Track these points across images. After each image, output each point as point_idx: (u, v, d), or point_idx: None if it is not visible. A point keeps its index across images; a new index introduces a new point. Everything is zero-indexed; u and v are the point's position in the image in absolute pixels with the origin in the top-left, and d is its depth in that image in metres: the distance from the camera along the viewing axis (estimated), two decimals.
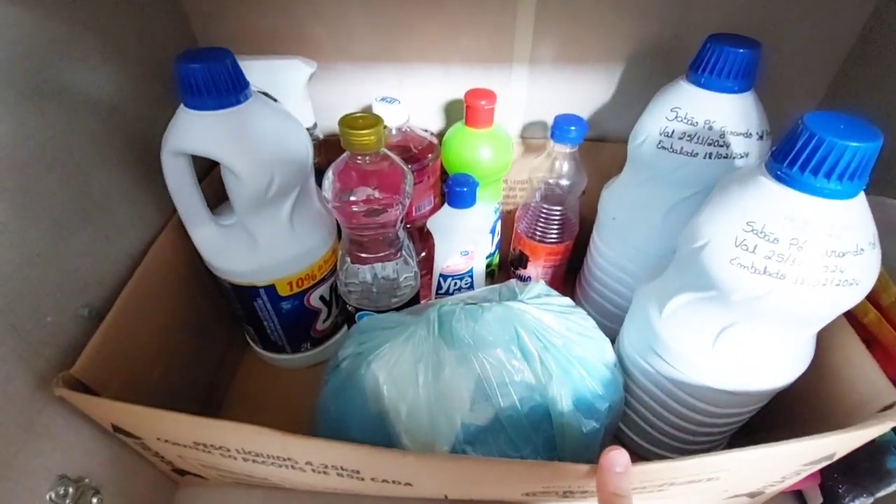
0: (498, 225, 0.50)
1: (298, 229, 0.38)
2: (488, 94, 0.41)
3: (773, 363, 0.30)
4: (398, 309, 0.40)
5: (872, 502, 0.33)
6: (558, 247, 0.47)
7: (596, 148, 0.47)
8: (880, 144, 0.23)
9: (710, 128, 0.33)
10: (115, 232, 0.34)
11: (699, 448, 0.37)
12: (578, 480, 0.25)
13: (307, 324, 0.44)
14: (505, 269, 0.55)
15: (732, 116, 0.33)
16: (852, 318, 0.32)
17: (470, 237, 0.43)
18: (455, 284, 0.46)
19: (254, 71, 0.34)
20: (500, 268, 0.55)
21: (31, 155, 0.27)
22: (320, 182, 0.38)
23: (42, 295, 0.28)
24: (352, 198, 0.34)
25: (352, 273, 0.39)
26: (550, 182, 0.44)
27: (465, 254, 0.43)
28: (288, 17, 0.43)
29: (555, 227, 0.47)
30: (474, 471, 0.26)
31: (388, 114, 0.40)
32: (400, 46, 0.44)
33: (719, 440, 0.37)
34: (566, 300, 0.37)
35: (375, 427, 0.31)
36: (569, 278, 0.53)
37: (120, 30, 0.34)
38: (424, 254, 0.48)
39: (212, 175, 0.41)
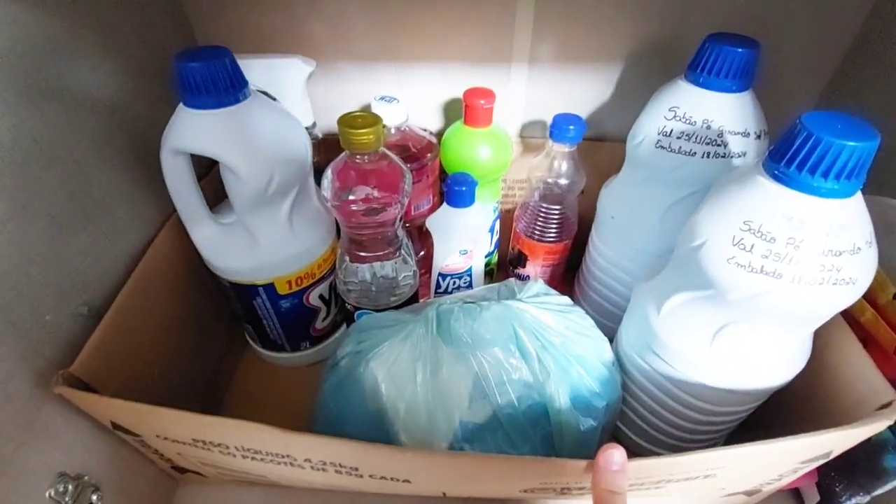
0: (497, 224, 0.50)
1: (298, 228, 0.38)
2: (487, 94, 0.41)
3: (771, 362, 0.30)
4: (397, 308, 0.40)
5: (869, 501, 0.34)
6: (557, 246, 0.47)
7: (594, 147, 0.47)
8: (877, 144, 0.23)
9: (709, 127, 0.33)
10: (115, 231, 0.34)
11: (696, 447, 0.36)
12: (576, 477, 0.25)
13: (306, 322, 0.44)
14: (504, 268, 0.55)
15: (731, 116, 0.33)
16: (849, 317, 0.32)
17: (469, 236, 0.43)
18: (454, 283, 0.46)
19: (253, 70, 0.35)
20: (499, 267, 0.55)
21: (31, 153, 0.27)
22: (319, 181, 0.38)
23: (41, 293, 0.28)
24: (351, 197, 0.34)
25: (351, 272, 0.39)
26: (549, 181, 0.45)
27: (464, 253, 0.43)
28: (287, 16, 0.43)
29: (553, 227, 0.47)
30: (472, 467, 0.26)
31: (387, 113, 0.40)
32: (399, 45, 0.44)
33: (717, 439, 0.37)
34: (564, 299, 0.37)
35: (374, 425, 0.32)
36: (567, 277, 0.53)
37: (120, 28, 0.34)
38: (423, 253, 0.48)
39: (211, 174, 0.41)
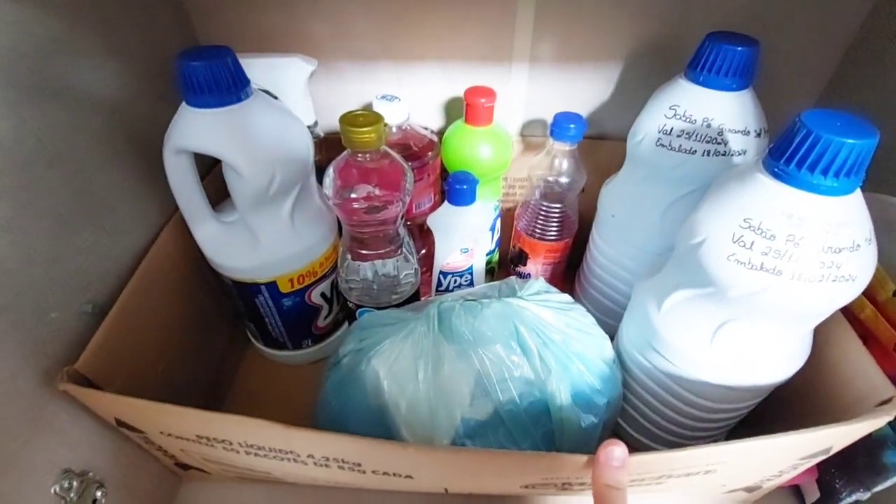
0: (497, 222, 0.50)
1: (300, 226, 0.38)
2: (488, 92, 0.41)
3: (771, 359, 0.30)
4: (398, 306, 0.40)
5: (869, 497, 0.34)
6: (558, 244, 0.48)
7: (595, 146, 0.47)
8: (876, 141, 0.23)
9: (709, 125, 0.33)
10: (118, 229, 0.34)
11: (697, 443, 0.37)
12: (577, 472, 0.25)
13: (308, 320, 0.44)
14: (505, 267, 0.55)
15: (730, 114, 0.33)
16: (849, 315, 0.32)
17: (470, 234, 0.43)
18: (455, 281, 0.46)
19: (254, 69, 0.35)
20: (500, 265, 0.55)
21: (33, 153, 0.28)
22: (321, 180, 0.38)
23: (46, 292, 0.28)
24: (353, 195, 0.35)
25: (353, 270, 0.39)
26: (550, 180, 0.45)
27: (465, 251, 0.44)
28: (288, 15, 0.43)
29: (554, 225, 0.47)
30: (474, 462, 0.27)
31: (389, 112, 0.40)
32: (400, 44, 0.44)
33: (717, 435, 0.37)
34: (565, 297, 0.37)
35: (376, 422, 0.32)
36: (568, 275, 0.53)
37: (122, 27, 0.35)
38: (424, 251, 0.48)
39: (213, 173, 0.41)
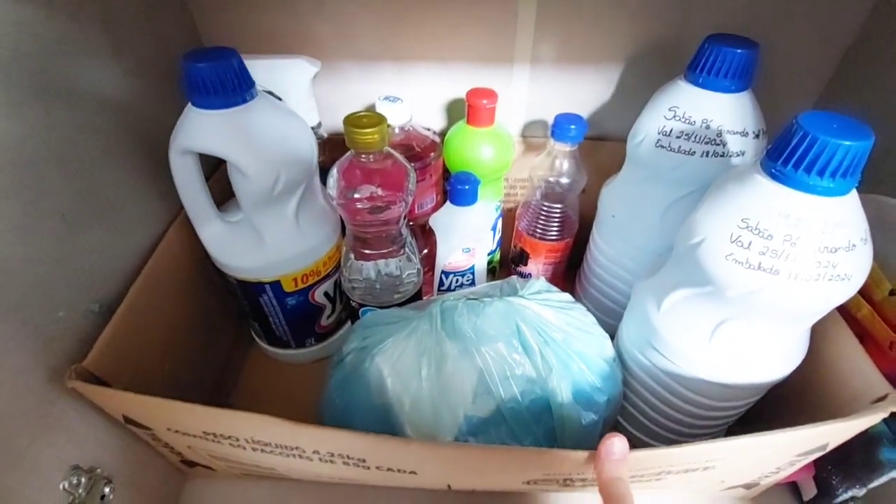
0: (499, 222, 0.50)
1: (304, 226, 0.38)
2: (490, 94, 0.42)
3: (769, 357, 0.31)
4: (401, 305, 0.40)
5: (865, 493, 0.34)
6: (558, 244, 0.48)
7: (596, 146, 0.47)
8: (871, 143, 0.23)
9: (708, 127, 0.33)
10: (124, 229, 0.34)
11: (696, 441, 0.37)
12: (578, 467, 0.26)
13: (312, 319, 0.45)
14: (506, 267, 0.55)
15: (729, 116, 0.33)
16: (846, 314, 0.33)
17: (471, 234, 0.43)
18: (456, 281, 0.46)
19: (259, 70, 0.35)
20: (501, 265, 0.56)
21: (39, 153, 0.28)
22: (324, 180, 0.39)
23: (53, 290, 0.28)
24: (356, 195, 0.35)
25: (356, 269, 0.40)
26: (551, 180, 0.45)
27: (467, 251, 0.44)
28: (291, 16, 0.44)
29: (555, 225, 0.47)
30: (477, 458, 0.27)
31: (392, 113, 0.41)
32: (402, 45, 0.45)
33: (716, 433, 0.38)
34: (566, 296, 0.38)
35: (379, 419, 0.32)
36: (569, 275, 0.53)
37: (127, 28, 0.35)
38: (426, 251, 0.49)
39: (218, 173, 0.42)
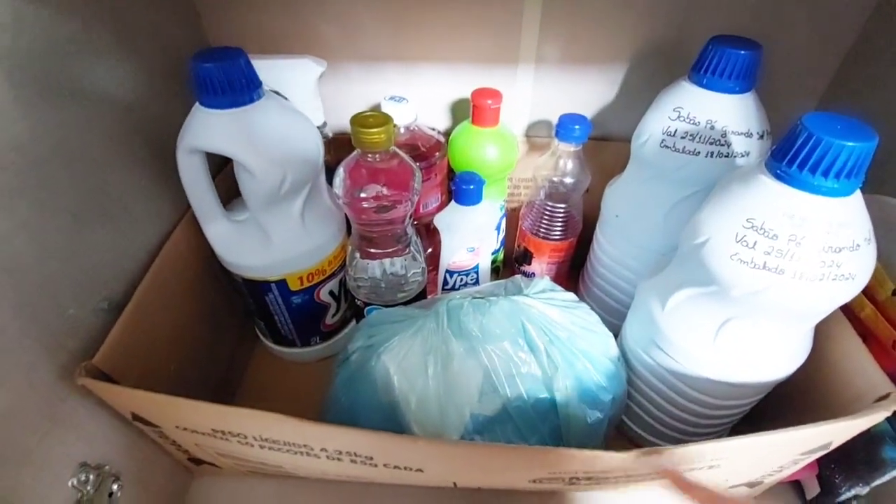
0: (503, 222, 0.51)
1: (310, 225, 0.38)
2: (494, 94, 0.42)
3: (773, 356, 0.31)
4: (406, 304, 0.41)
5: (868, 491, 0.34)
6: (562, 243, 0.48)
7: (599, 146, 0.47)
8: (875, 144, 0.24)
9: (712, 127, 0.34)
10: (131, 227, 0.35)
11: (700, 440, 0.37)
12: (584, 466, 0.26)
13: (317, 318, 0.45)
14: (509, 266, 0.56)
15: (733, 116, 0.33)
16: (849, 313, 0.33)
17: (476, 234, 0.44)
18: (461, 280, 0.47)
19: (265, 70, 0.35)
20: (505, 264, 0.56)
21: (50, 152, 0.28)
22: (330, 179, 0.39)
23: (63, 288, 0.29)
24: (362, 194, 0.35)
25: (361, 268, 0.40)
26: (555, 180, 0.45)
27: (471, 250, 0.44)
28: (297, 17, 0.44)
29: (559, 225, 0.47)
30: (484, 456, 0.27)
31: (397, 113, 0.41)
32: (407, 46, 0.45)
33: (720, 432, 0.38)
34: (570, 295, 0.38)
35: (386, 417, 0.32)
36: (572, 275, 0.54)
37: (135, 29, 0.35)
38: (431, 250, 0.49)
39: (223, 172, 0.42)
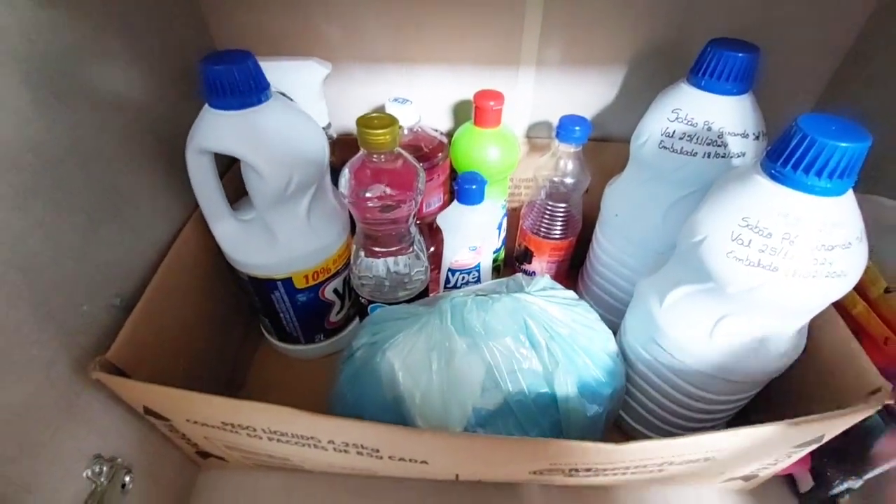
0: (504, 221, 0.51)
1: (315, 224, 0.39)
2: (496, 96, 0.43)
3: (768, 352, 0.32)
4: (408, 302, 0.41)
5: (861, 484, 0.35)
6: (562, 242, 0.49)
7: (599, 147, 0.48)
8: (868, 145, 0.24)
9: (710, 129, 0.34)
10: (142, 226, 0.35)
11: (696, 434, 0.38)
12: (583, 458, 0.27)
13: (321, 316, 0.46)
14: (510, 265, 0.56)
15: (731, 118, 0.34)
16: (842, 310, 0.34)
17: (478, 233, 0.44)
18: (463, 278, 0.47)
19: (271, 72, 0.36)
20: (506, 263, 0.57)
21: (65, 153, 0.29)
22: (334, 179, 0.40)
23: (77, 285, 0.29)
24: (367, 194, 0.36)
25: (365, 267, 0.41)
26: (555, 180, 0.46)
27: (473, 249, 0.45)
28: (302, 19, 0.44)
29: (559, 224, 0.48)
30: (486, 448, 0.28)
31: (401, 114, 0.41)
32: (411, 48, 0.46)
33: (716, 426, 0.39)
34: (570, 293, 0.39)
35: (390, 412, 0.33)
36: (572, 274, 0.54)
37: (144, 32, 0.36)
38: (433, 249, 0.50)
39: (230, 172, 0.43)
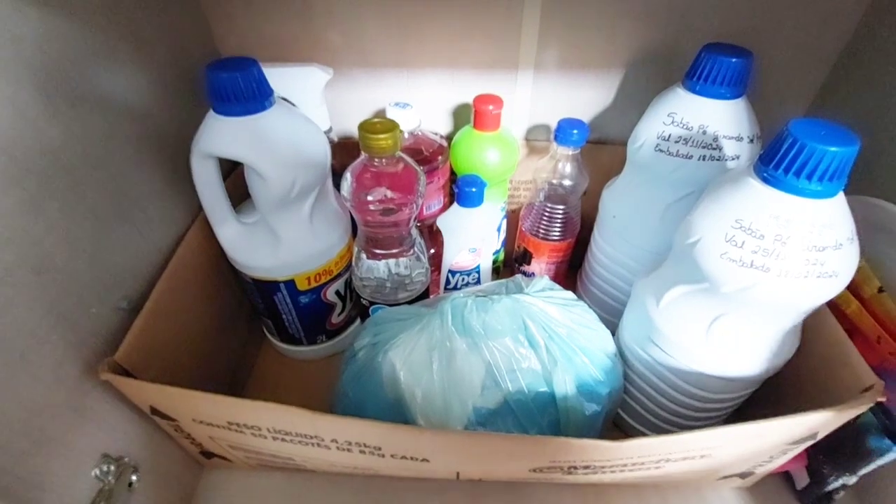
0: (504, 223, 0.52)
1: (318, 227, 0.40)
2: (495, 100, 0.43)
3: (762, 350, 0.32)
4: (409, 303, 0.42)
5: (856, 481, 0.36)
6: (561, 244, 0.50)
7: (597, 150, 0.49)
8: (857, 149, 0.25)
9: (704, 132, 0.35)
10: (148, 229, 0.36)
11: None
12: (582, 455, 0.27)
13: (323, 317, 0.46)
14: (510, 266, 0.57)
15: (725, 121, 0.35)
16: (836, 310, 0.35)
17: (478, 235, 0.45)
18: (463, 280, 0.48)
19: (273, 77, 0.36)
20: (505, 265, 0.57)
21: (77, 158, 0.29)
22: (336, 183, 0.40)
23: (87, 288, 0.30)
24: (369, 197, 0.37)
25: (367, 269, 0.41)
26: (553, 182, 0.47)
27: (473, 251, 0.46)
28: (305, 26, 0.45)
29: (557, 226, 0.49)
30: (486, 445, 0.29)
31: (401, 118, 0.42)
32: (411, 53, 0.46)
33: (712, 425, 0.39)
34: (569, 294, 0.39)
35: (392, 411, 0.34)
36: (571, 275, 0.55)
37: (151, 39, 0.36)
38: (434, 251, 0.50)
39: (233, 175, 0.43)
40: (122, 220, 0.33)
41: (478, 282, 0.49)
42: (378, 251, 0.40)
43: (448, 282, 0.48)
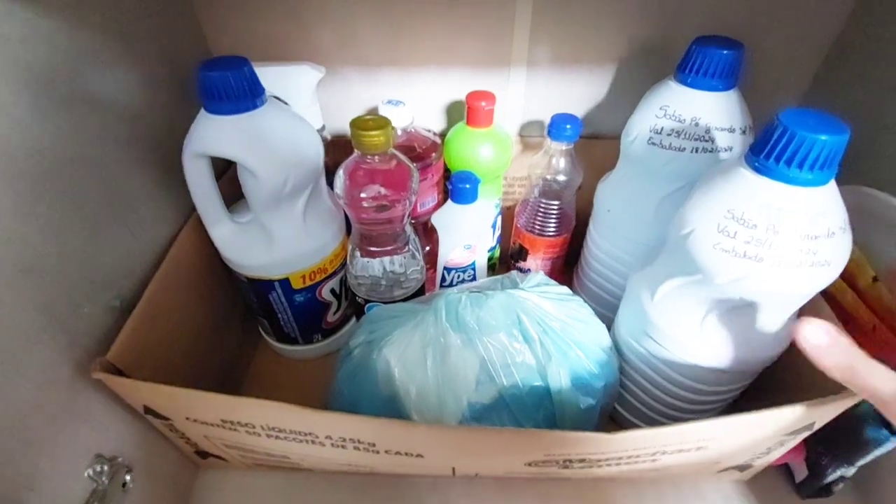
0: (498, 220, 0.52)
1: (311, 225, 0.40)
2: (488, 96, 0.43)
3: (757, 342, 0.32)
4: (405, 300, 0.42)
5: (855, 471, 0.36)
6: (556, 239, 0.50)
7: (590, 145, 0.49)
8: (847, 137, 0.25)
9: (697, 124, 0.35)
10: (140, 229, 0.36)
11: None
12: (577, 447, 0.27)
13: (318, 316, 0.46)
14: (505, 263, 0.57)
15: (717, 113, 0.35)
16: (831, 300, 0.35)
17: (472, 231, 0.45)
18: (458, 277, 0.48)
19: (266, 76, 0.36)
20: (501, 261, 0.57)
21: (69, 157, 0.29)
22: (329, 181, 0.40)
23: (79, 287, 0.30)
24: (362, 195, 0.37)
25: (362, 267, 0.41)
26: (548, 178, 0.47)
27: (468, 247, 0.46)
28: (296, 24, 0.45)
29: (553, 221, 0.49)
30: (481, 439, 0.29)
31: (394, 115, 0.42)
32: (403, 51, 0.46)
33: (710, 417, 0.39)
34: (564, 289, 0.39)
35: (387, 407, 0.34)
36: (566, 270, 0.55)
37: (142, 39, 0.36)
38: (429, 248, 0.50)
39: (226, 175, 0.43)
40: (115, 220, 0.33)
41: (473, 278, 0.49)
42: (372, 249, 0.40)
43: (443, 279, 0.48)
